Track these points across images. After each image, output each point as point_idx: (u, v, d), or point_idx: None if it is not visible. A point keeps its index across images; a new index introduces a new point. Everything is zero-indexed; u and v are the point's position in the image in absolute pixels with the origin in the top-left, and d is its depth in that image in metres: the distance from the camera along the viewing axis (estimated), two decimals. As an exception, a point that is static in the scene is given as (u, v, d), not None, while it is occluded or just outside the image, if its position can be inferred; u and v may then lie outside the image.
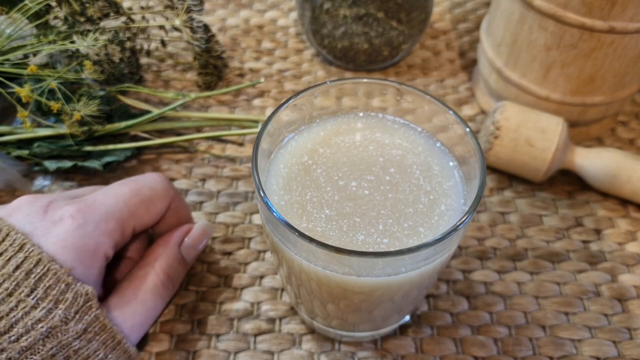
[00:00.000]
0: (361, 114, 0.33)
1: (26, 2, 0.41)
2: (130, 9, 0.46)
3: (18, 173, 0.42)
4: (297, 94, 0.30)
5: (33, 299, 0.26)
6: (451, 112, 0.29)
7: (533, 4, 0.39)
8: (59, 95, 0.39)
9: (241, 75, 0.52)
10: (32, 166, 0.42)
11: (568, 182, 0.44)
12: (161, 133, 0.45)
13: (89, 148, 0.42)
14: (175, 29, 0.47)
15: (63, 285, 0.26)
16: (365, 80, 0.31)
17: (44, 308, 0.26)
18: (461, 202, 0.29)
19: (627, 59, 0.40)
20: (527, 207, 0.42)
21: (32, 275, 0.26)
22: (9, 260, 0.26)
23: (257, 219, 0.41)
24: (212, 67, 0.49)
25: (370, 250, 0.26)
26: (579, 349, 0.35)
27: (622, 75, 0.41)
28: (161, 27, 0.48)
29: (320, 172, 0.29)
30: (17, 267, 0.26)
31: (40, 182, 0.42)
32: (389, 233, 0.27)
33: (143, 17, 0.47)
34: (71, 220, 0.28)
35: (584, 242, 0.40)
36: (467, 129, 0.28)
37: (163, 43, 0.49)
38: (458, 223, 0.25)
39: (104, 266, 0.30)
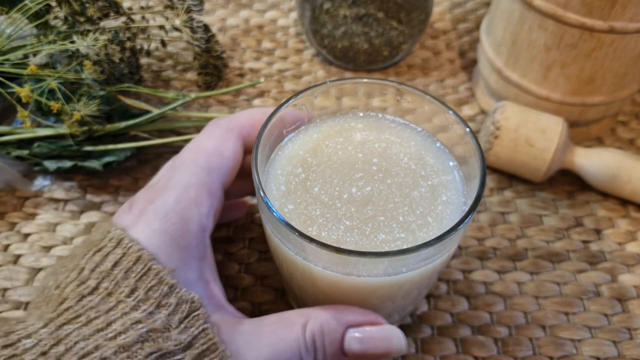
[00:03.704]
0: (361, 114, 0.33)
1: (26, 2, 0.41)
2: (130, 9, 0.46)
3: (18, 173, 0.42)
4: (297, 94, 0.30)
5: (134, 300, 0.24)
6: (451, 112, 0.29)
7: (533, 4, 0.39)
8: (59, 95, 0.39)
9: (241, 75, 0.52)
10: (32, 166, 0.42)
11: (568, 182, 0.44)
12: (161, 133, 0.45)
13: (89, 148, 0.42)
14: (175, 29, 0.47)
15: (166, 288, 0.24)
16: (365, 80, 0.31)
17: (144, 310, 0.24)
18: (462, 201, 0.29)
19: (627, 59, 0.40)
20: (527, 207, 0.42)
21: (132, 275, 0.24)
22: (106, 256, 0.25)
23: (257, 219, 0.41)
24: (212, 67, 0.49)
25: (386, 249, 0.26)
26: (579, 349, 0.35)
27: (622, 75, 0.41)
28: (161, 27, 0.48)
29: (319, 192, 0.29)
30: (116, 264, 0.24)
31: (40, 182, 0.42)
32: (406, 225, 0.27)
33: (143, 17, 0.47)
34: (150, 204, 0.27)
35: (584, 242, 0.40)
36: (467, 129, 0.28)
37: (163, 43, 0.49)
38: (458, 223, 0.25)
39: (207, 241, 0.27)
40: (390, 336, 0.27)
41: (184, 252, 0.26)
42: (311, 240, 0.24)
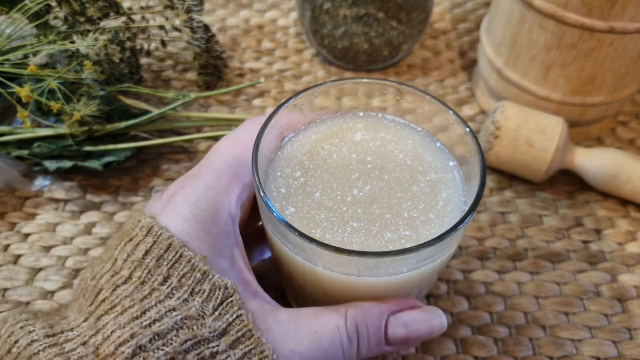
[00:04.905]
0: (360, 114, 0.33)
1: (26, 2, 0.41)
2: (130, 9, 0.46)
3: (18, 173, 0.42)
4: (296, 94, 0.30)
5: (167, 287, 0.24)
6: (451, 112, 0.29)
7: (533, 4, 0.39)
8: (59, 95, 0.39)
9: (241, 75, 0.52)
10: (32, 166, 0.42)
11: (568, 182, 0.44)
12: (161, 133, 0.45)
13: (89, 148, 0.42)
14: (175, 29, 0.47)
15: (199, 275, 0.24)
16: (365, 80, 0.31)
17: (179, 298, 0.24)
18: (462, 200, 0.29)
19: (627, 59, 0.40)
20: (527, 207, 0.42)
21: (164, 263, 0.24)
22: (137, 245, 0.25)
23: (257, 219, 0.41)
24: (212, 67, 0.49)
25: (391, 248, 0.26)
26: (579, 349, 0.35)
27: (622, 75, 0.41)
28: (161, 27, 0.48)
29: (321, 197, 0.29)
30: (147, 253, 0.24)
31: (40, 182, 0.42)
32: (411, 221, 0.27)
33: (143, 17, 0.47)
34: (180, 190, 0.27)
35: (584, 242, 0.40)
36: (467, 129, 0.28)
37: (163, 43, 0.49)
38: (458, 223, 0.25)
39: (237, 230, 0.27)
40: (432, 316, 0.27)
41: (215, 240, 0.26)
42: (311, 240, 0.24)
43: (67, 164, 0.41)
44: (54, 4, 0.42)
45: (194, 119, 0.46)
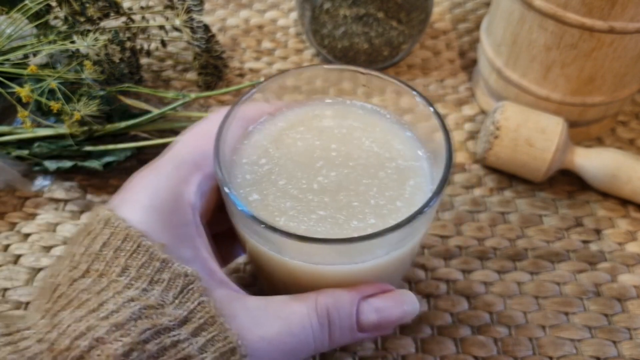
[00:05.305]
0: (328, 101, 0.32)
1: (26, 2, 0.41)
2: (130, 9, 0.46)
3: (18, 173, 0.42)
4: (259, 83, 0.30)
5: (126, 278, 0.23)
6: (415, 92, 0.29)
7: (533, 4, 0.39)
8: (59, 95, 0.39)
9: (241, 75, 0.52)
10: (32, 166, 0.42)
11: (568, 182, 0.44)
12: (161, 133, 0.45)
13: (89, 148, 0.42)
14: (175, 29, 0.47)
15: (158, 263, 0.23)
16: (326, 67, 0.31)
17: (137, 288, 0.23)
18: (430, 188, 0.28)
19: (627, 59, 0.40)
20: (527, 207, 0.42)
21: (122, 254, 0.23)
22: (95, 238, 0.24)
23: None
24: (212, 67, 0.49)
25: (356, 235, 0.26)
26: (579, 349, 0.35)
27: (622, 75, 0.41)
28: (161, 27, 0.48)
29: (286, 185, 0.28)
30: (104, 245, 0.24)
31: (40, 182, 0.42)
32: (378, 209, 0.27)
33: (143, 17, 0.47)
34: (140, 181, 0.26)
35: (584, 242, 0.40)
36: (432, 109, 0.28)
37: (163, 43, 0.49)
38: (424, 205, 0.24)
39: (198, 220, 0.26)
40: (404, 300, 0.27)
41: (176, 230, 0.25)
42: (275, 230, 0.23)
43: (67, 164, 0.41)
44: (54, 4, 0.42)
45: (194, 119, 0.45)
